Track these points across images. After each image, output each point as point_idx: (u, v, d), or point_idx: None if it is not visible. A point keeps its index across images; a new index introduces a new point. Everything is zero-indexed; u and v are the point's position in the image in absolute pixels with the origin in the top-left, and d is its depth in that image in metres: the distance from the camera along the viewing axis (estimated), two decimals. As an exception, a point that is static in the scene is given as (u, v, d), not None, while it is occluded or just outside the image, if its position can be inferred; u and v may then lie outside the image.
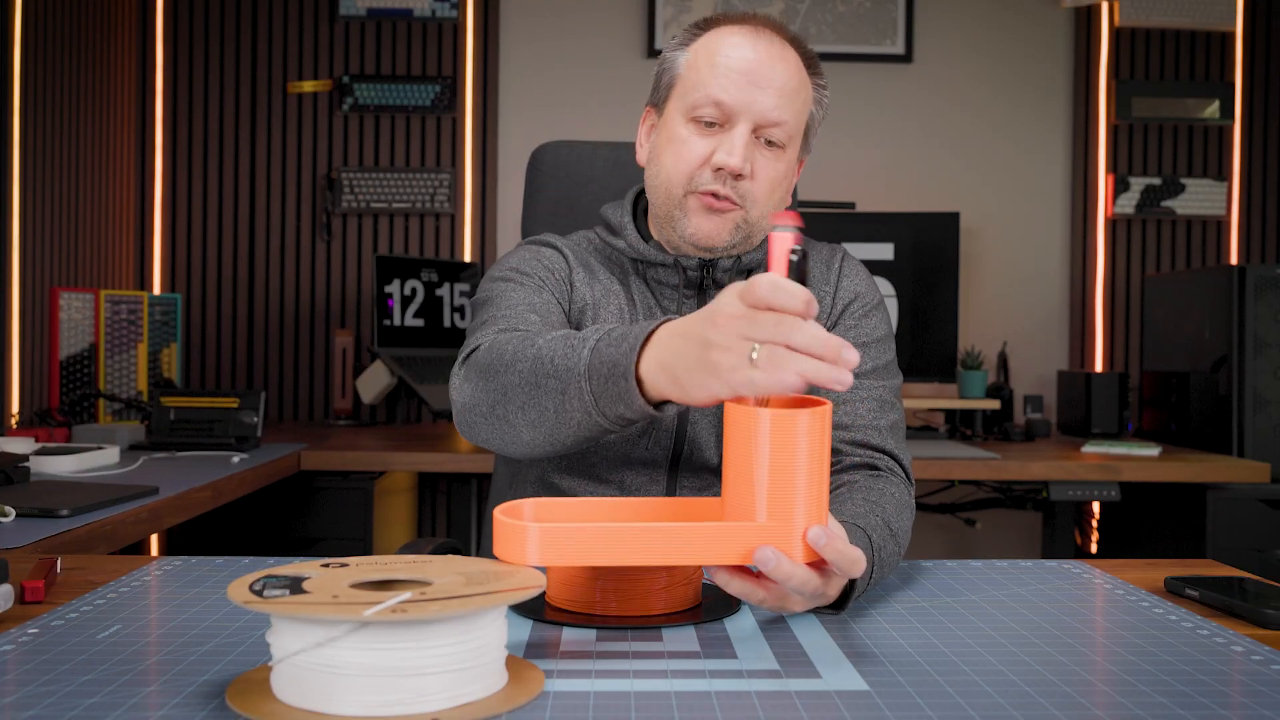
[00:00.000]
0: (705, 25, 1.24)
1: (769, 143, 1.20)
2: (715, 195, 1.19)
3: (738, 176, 1.19)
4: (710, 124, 1.19)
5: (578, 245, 1.33)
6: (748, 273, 1.27)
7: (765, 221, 1.22)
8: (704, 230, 1.21)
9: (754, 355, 0.77)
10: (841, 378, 0.76)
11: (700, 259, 1.24)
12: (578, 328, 1.26)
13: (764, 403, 0.81)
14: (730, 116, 1.18)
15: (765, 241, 1.27)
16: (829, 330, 1.26)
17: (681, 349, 0.84)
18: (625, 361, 0.89)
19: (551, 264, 1.27)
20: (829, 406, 0.81)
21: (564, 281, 1.27)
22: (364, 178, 3.20)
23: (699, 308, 1.25)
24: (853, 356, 0.76)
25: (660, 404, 0.91)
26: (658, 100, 1.27)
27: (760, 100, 1.17)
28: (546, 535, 0.79)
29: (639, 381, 0.89)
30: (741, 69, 1.18)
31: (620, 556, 0.80)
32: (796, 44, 1.23)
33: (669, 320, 0.89)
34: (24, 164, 2.55)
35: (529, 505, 0.91)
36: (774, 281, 0.77)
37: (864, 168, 3.26)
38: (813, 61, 1.25)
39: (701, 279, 1.26)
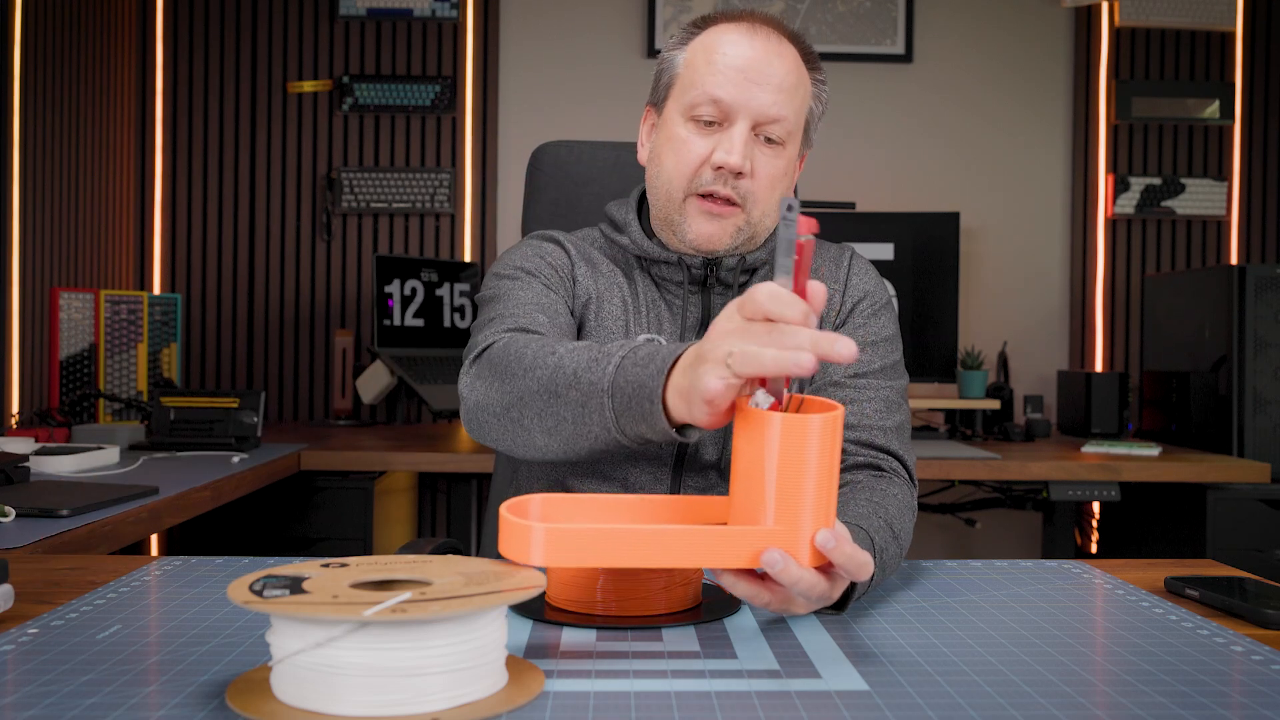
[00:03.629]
0: (703, 24, 1.24)
1: (768, 140, 1.20)
2: (714, 197, 1.20)
3: (738, 175, 1.19)
4: (710, 123, 1.19)
5: (581, 241, 1.33)
6: (752, 271, 1.27)
7: (768, 220, 1.23)
8: (704, 234, 1.21)
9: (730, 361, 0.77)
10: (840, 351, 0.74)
11: (704, 257, 1.25)
12: (581, 323, 1.26)
13: (776, 407, 0.80)
14: (729, 114, 1.18)
15: (769, 239, 1.27)
16: (837, 330, 1.27)
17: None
18: (652, 384, 0.89)
19: (555, 260, 1.27)
20: (841, 412, 0.80)
21: (567, 278, 1.27)
22: (364, 178, 3.20)
23: (703, 304, 1.26)
24: (846, 350, 0.74)
25: (683, 427, 0.90)
26: (657, 100, 1.27)
27: (758, 97, 1.17)
28: (553, 536, 0.78)
29: (665, 404, 0.89)
30: (738, 65, 1.17)
31: (626, 558, 0.79)
32: (794, 40, 1.23)
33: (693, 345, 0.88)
34: (24, 164, 2.55)
35: (536, 502, 0.90)
36: (771, 292, 0.77)
37: (864, 168, 3.25)
38: (811, 57, 1.24)
39: (705, 276, 1.26)
